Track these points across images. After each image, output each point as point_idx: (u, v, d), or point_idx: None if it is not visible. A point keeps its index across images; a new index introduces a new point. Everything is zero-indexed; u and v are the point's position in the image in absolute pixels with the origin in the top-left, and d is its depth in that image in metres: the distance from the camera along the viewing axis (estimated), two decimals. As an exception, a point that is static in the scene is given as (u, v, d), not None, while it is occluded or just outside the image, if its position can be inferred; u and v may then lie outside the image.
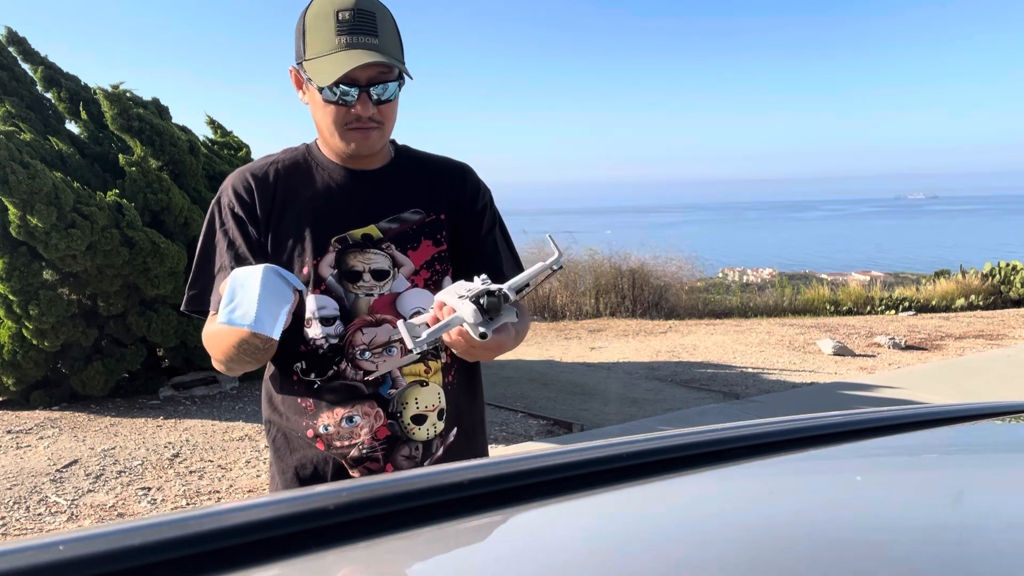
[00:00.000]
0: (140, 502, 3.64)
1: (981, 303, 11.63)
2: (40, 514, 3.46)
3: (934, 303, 11.71)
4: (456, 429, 1.45)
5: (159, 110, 6.22)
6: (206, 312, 1.38)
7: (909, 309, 11.24)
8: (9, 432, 4.68)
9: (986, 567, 0.55)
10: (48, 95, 6.00)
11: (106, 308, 5.31)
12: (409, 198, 1.40)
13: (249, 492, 3.78)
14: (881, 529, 0.62)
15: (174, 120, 6.39)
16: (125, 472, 4.00)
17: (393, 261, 1.37)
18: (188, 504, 3.63)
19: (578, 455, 0.70)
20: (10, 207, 4.75)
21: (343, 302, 1.35)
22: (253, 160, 1.50)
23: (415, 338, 1.09)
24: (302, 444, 1.40)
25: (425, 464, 1.40)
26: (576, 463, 0.69)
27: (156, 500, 3.67)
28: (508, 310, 1.09)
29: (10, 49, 5.80)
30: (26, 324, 5.05)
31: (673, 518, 0.68)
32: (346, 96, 1.27)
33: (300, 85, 1.35)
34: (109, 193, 5.30)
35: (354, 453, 1.37)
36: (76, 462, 4.13)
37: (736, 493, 0.76)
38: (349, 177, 1.39)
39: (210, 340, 1.33)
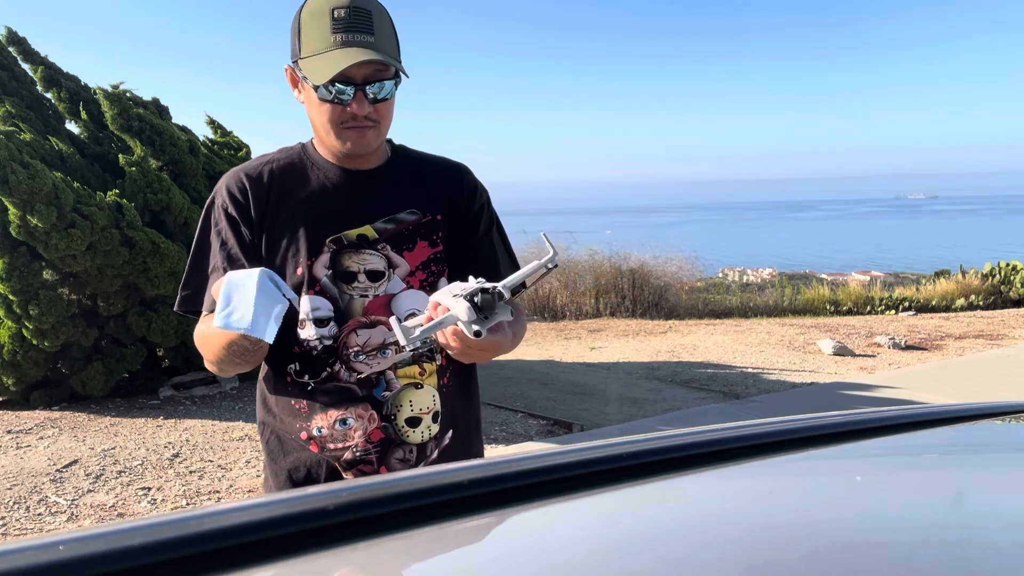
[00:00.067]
0: (140, 502, 3.63)
1: (981, 303, 11.63)
2: (40, 514, 3.46)
3: (934, 303, 11.71)
4: (451, 432, 1.44)
5: (159, 110, 6.23)
6: (199, 312, 1.37)
7: (909, 309, 11.24)
8: (9, 432, 4.68)
9: (986, 567, 0.55)
10: (48, 95, 6.00)
11: (106, 308, 5.32)
12: (405, 198, 1.38)
13: (249, 492, 3.78)
14: (881, 529, 0.62)
15: (174, 120, 6.39)
16: (125, 472, 4.00)
17: (388, 262, 1.35)
18: (188, 504, 3.63)
19: (578, 455, 0.70)
20: (10, 207, 4.75)
21: (337, 303, 1.33)
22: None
23: (408, 335, 1.08)
24: (295, 447, 1.38)
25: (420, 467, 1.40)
26: (576, 463, 0.69)
27: (156, 500, 3.67)
28: (503, 309, 1.08)
29: (10, 49, 5.81)
30: (26, 324, 5.05)
31: (673, 518, 0.68)
32: (342, 95, 1.25)
33: (296, 84, 1.33)
34: (109, 193, 5.30)
35: (347, 456, 1.35)
36: (76, 462, 4.13)
37: (736, 493, 0.76)
38: (345, 177, 1.37)
39: (201, 341, 1.32)
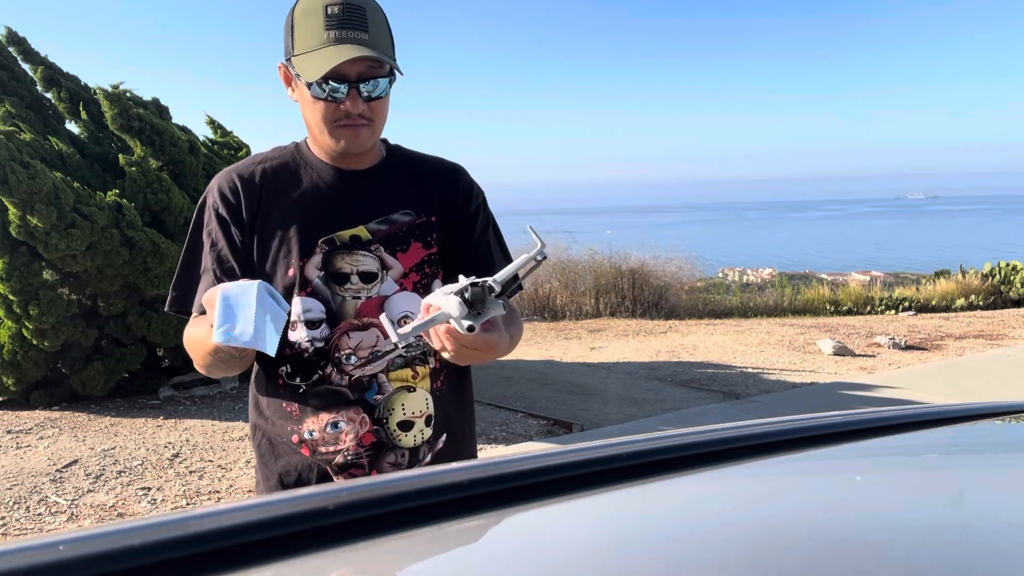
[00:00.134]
0: (140, 502, 3.63)
1: (981, 303, 11.63)
2: (40, 514, 3.46)
3: (934, 303, 11.71)
4: (445, 436, 1.42)
5: (159, 110, 6.22)
6: (190, 313, 1.36)
7: (909, 309, 11.24)
8: (9, 432, 4.68)
9: (986, 567, 0.55)
10: (48, 95, 6.00)
11: (106, 308, 5.32)
12: (399, 199, 1.36)
13: (249, 492, 3.78)
14: (881, 529, 0.62)
15: (174, 120, 6.39)
16: (125, 472, 4.00)
17: (382, 263, 1.33)
18: (188, 504, 3.63)
19: (578, 455, 0.70)
20: (10, 207, 4.75)
21: (330, 305, 1.32)
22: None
23: (399, 332, 1.07)
24: (287, 450, 1.37)
25: None
26: (576, 463, 0.69)
27: (156, 500, 3.67)
28: (495, 304, 1.07)
29: (10, 49, 5.81)
30: (26, 324, 5.05)
31: (673, 518, 0.68)
32: (335, 93, 1.23)
33: (289, 82, 1.31)
34: (109, 193, 5.30)
35: (339, 459, 1.34)
36: (76, 462, 4.13)
37: (736, 493, 0.76)
38: (338, 177, 1.35)
39: (190, 344, 1.31)
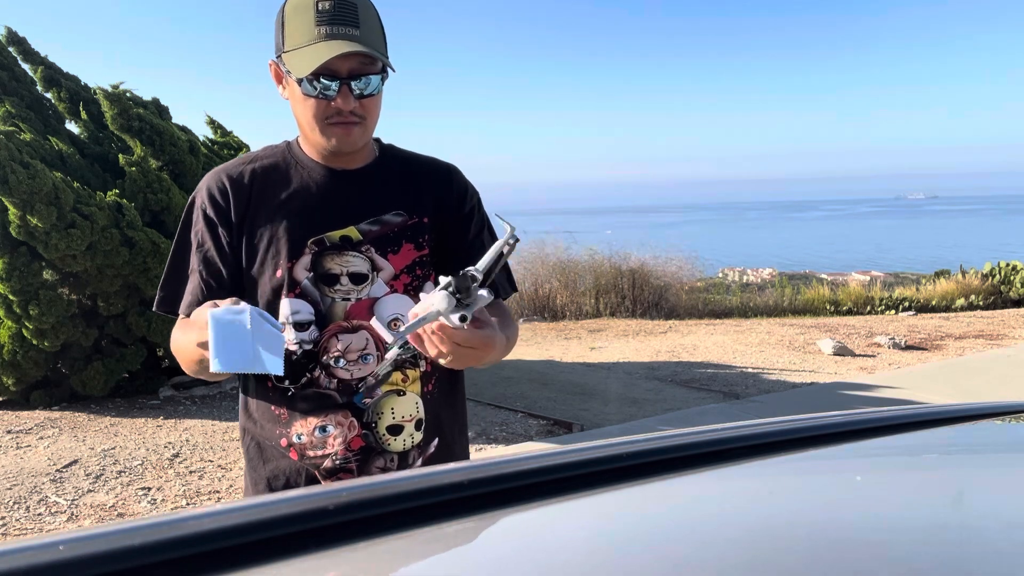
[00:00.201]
0: (140, 502, 3.63)
1: (981, 303, 11.63)
2: (40, 514, 3.46)
3: (934, 303, 11.71)
4: (437, 440, 1.40)
5: (159, 110, 6.23)
6: (178, 314, 1.35)
7: (909, 309, 11.24)
8: (9, 432, 4.68)
9: (986, 567, 0.55)
10: (48, 95, 6.00)
11: (106, 308, 5.32)
12: (392, 199, 1.34)
13: (249, 492, 3.78)
14: (881, 529, 0.62)
15: (174, 120, 6.39)
16: (125, 472, 4.00)
17: (372, 265, 1.31)
18: (188, 504, 3.63)
19: (578, 455, 0.70)
20: (10, 207, 4.75)
21: (319, 306, 1.30)
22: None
23: (395, 333, 1.06)
24: (275, 454, 1.36)
25: None
26: (576, 463, 0.69)
27: (156, 500, 3.67)
28: (481, 297, 1.06)
29: (10, 49, 5.81)
30: (26, 324, 5.05)
31: (673, 518, 0.68)
32: (327, 90, 1.21)
33: (280, 79, 1.29)
34: (109, 193, 5.30)
35: (327, 464, 1.32)
36: (76, 462, 4.13)
37: (736, 493, 0.76)
38: (329, 176, 1.33)
39: (177, 349, 1.30)
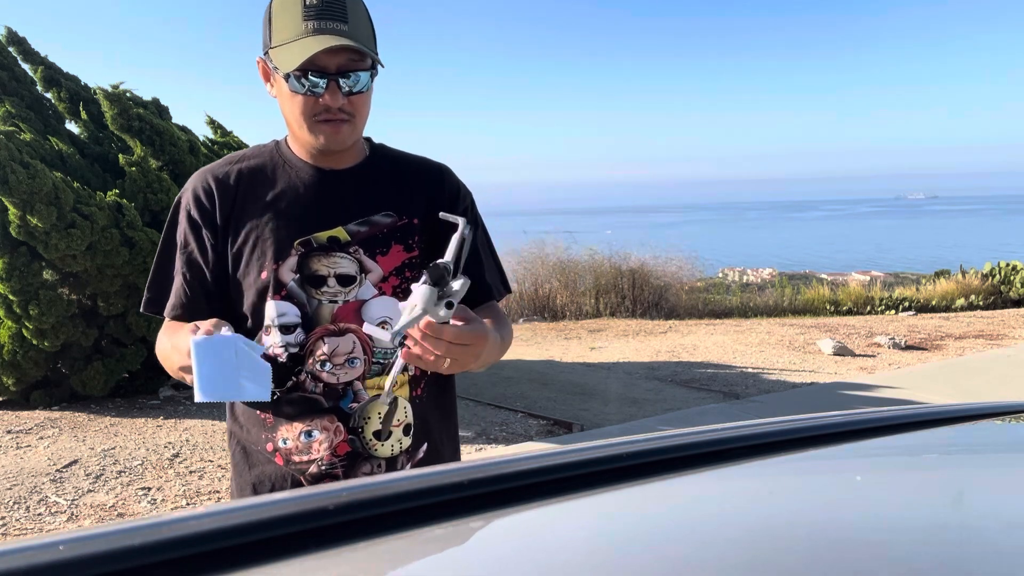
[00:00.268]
0: (140, 502, 3.63)
1: (981, 303, 11.63)
2: (40, 514, 3.46)
3: (934, 303, 11.71)
4: (426, 445, 1.36)
5: (159, 110, 6.23)
6: (164, 316, 1.34)
7: (909, 309, 11.24)
8: (9, 432, 4.68)
9: (986, 567, 0.55)
10: (48, 95, 6.00)
11: (106, 308, 5.31)
12: (381, 200, 1.31)
13: (249, 492, 3.78)
14: (881, 529, 0.62)
15: (174, 120, 6.39)
16: (125, 472, 4.00)
17: (360, 266, 1.28)
18: (188, 504, 3.63)
19: (578, 455, 0.70)
20: (10, 207, 4.75)
21: (305, 309, 1.27)
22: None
23: (388, 333, 1.04)
24: (260, 459, 1.33)
25: None
26: (576, 463, 0.69)
27: (156, 500, 3.67)
28: (459, 287, 1.05)
29: (10, 49, 5.81)
30: (26, 324, 5.05)
31: (673, 518, 0.68)
32: (315, 87, 1.19)
33: (267, 77, 1.27)
34: (109, 193, 5.30)
35: (313, 469, 1.30)
36: (76, 462, 4.13)
37: (736, 493, 0.76)
38: (318, 176, 1.30)
39: (162, 355, 1.28)
